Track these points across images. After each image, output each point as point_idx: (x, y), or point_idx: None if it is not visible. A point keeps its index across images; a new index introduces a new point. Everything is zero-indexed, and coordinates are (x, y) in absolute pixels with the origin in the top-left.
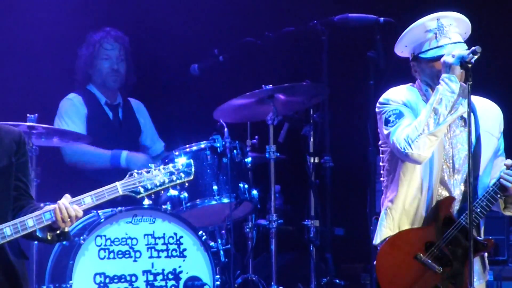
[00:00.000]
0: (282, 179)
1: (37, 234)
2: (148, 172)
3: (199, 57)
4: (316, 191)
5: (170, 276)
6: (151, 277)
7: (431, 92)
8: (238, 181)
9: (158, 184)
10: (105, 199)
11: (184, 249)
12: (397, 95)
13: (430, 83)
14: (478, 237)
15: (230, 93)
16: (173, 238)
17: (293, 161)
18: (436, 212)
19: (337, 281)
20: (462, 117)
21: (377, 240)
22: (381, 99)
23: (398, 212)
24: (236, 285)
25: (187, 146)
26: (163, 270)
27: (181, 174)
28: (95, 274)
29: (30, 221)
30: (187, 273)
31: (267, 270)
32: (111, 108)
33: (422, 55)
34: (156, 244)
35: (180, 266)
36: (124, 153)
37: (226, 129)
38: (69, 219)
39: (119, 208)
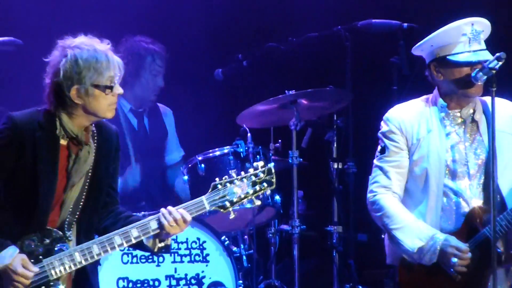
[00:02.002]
0: (305, 185)
1: (145, 243)
2: (231, 183)
3: (223, 62)
4: (339, 196)
5: (193, 281)
6: (174, 282)
7: (447, 111)
8: None
9: (242, 196)
10: (193, 215)
11: (207, 254)
12: (397, 115)
13: (454, 91)
14: (499, 249)
15: (253, 98)
16: (196, 243)
17: (316, 167)
18: (464, 222)
19: (360, 287)
20: (474, 121)
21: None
22: (384, 116)
23: None
24: None
25: (211, 151)
26: (186, 275)
27: (264, 184)
28: (118, 279)
29: (135, 232)
30: (209, 278)
31: (289, 276)
32: (135, 114)
33: (451, 58)
34: (179, 249)
35: (203, 271)
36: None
37: (249, 134)
38: (175, 223)
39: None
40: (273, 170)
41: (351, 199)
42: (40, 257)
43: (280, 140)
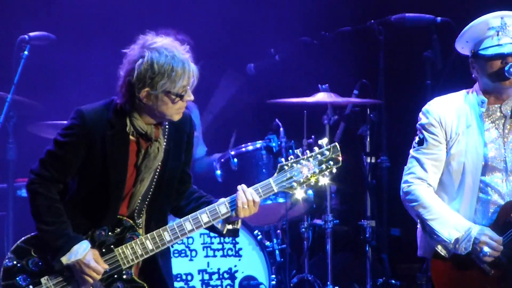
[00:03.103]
0: (338, 179)
1: (215, 226)
2: (298, 163)
3: (256, 57)
4: (372, 191)
5: (226, 276)
6: (206, 276)
7: (487, 106)
8: None
9: (310, 176)
10: (262, 198)
11: (240, 249)
12: (437, 108)
13: (489, 85)
14: None
15: (286, 93)
16: (228, 237)
17: (349, 161)
18: (497, 216)
19: (393, 281)
20: None
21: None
22: (423, 108)
23: None
24: (291, 284)
25: (243, 145)
26: (218, 269)
27: (330, 162)
28: None
29: (205, 217)
30: (242, 272)
31: (322, 270)
32: None
33: (482, 52)
34: (212, 243)
35: (235, 266)
36: None
37: (282, 129)
38: (247, 206)
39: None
40: (338, 148)
41: (384, 194)
42: (112, 246)
43: (313, 136)
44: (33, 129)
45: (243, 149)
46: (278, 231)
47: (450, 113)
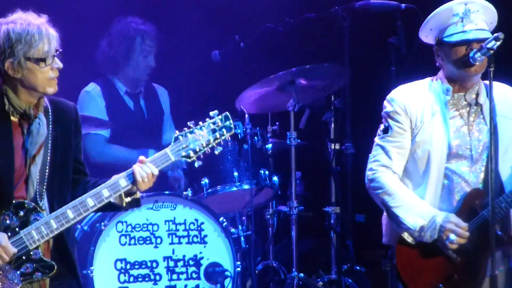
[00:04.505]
0: (303, 166)
1: (113, 202)
2: (191, 132)
3: (220, 44)
4: (337, 177)
5: (191, 262)
6: (172, 263)
7: (452, 94)
8: (259, 168)
9: (204, 144)
10: (160, 167)
11: (205, 235)
12: (402, 96)
13: (454, 72)
14: (499, 232)
15: (251, 80)
16: (194, 224)
17: (314, 148)
18: (463, 203)
19: (358, 267)
20: (478, 104)
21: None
22: (388, 96)
23: None
24: (256, 271)
25: None
26: (184, 256)
27: (223, 130)
28: (116, 260)
29: (106, 192)
30: (208, 259)
31: (287, 257)
32: (131, 97)
33: (446, 39)
34: (177, 230)
35: (201, 252)
36: (151, 152)
37: (247, 116)
38: (146, 179)
39: (140, 194)
40: (229, 116)
41: (348, 180)
42: (17, 229)
43: (277, 122)
44: None
45: None
46: (243, 217)
47: (415, 101)
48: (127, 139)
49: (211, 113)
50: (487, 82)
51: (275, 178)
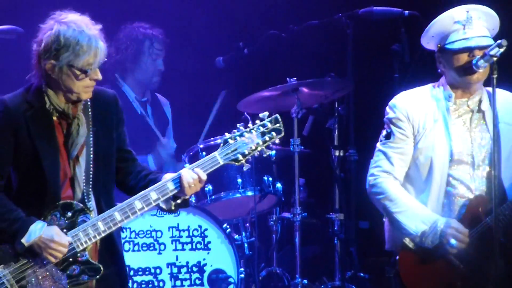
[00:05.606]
0: (307, 172)
1: (161, 205)
2: (241, 136)
3: (224, 50)
4: (340, 184)
5: (195, 269)
6: (175, 270)
7: (454, 100)
8: (262, 174)
9: (254, 147)
10: (208, 171)
11: (209, 242)
12: (404, 102)
13: (456, 79)
14: (502, 239)
15: (254, 86)
16: (197, 230)
17: (317, 154)
18: (466, 211)
19: (362, 274)
20: (481, 111)
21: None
22: (390, 102)
23: None
24: (260, 277)
25: (212, 139)
26: (187, 262)
27: (273, 132)
28: None
29: (154, 194)
30: (211, 265)
31: (291, 263)
32: (140, 103)
33: (448, 46)
34: (181, 236)
35: (204, 259)
36: (150, 158)
37: (250, 122)
38: (193, 184)
39: None
40: (279, 119)
41: (352, 187)
42: (64, 230)
43: None
44: None
45: (212, 142)
46: (247, 224)
47: (417, 108)
48: (131, 144)
49: (261, 115)
50: (489, 89)
51: (278, 185)
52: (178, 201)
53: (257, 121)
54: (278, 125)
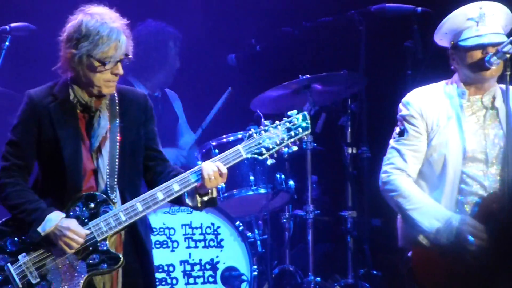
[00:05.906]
0: (319, 170)
1: (187, 202)
2: (266, 131)
3: (237, 47)
4: (353, 181)
5: (208, 266)
6: (188, 267)
7: (467, 97)
8: (275, 172)
9: (278, 142)
10: (231, 164)
11: (222, 239)
12: (417, 99)
13: (470, 76)
14: None
15: (267, 83)
16: (210, 228)
17: (330, 152)
18: (479, 208)
19: (375, 272)
20: (495, 108)
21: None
22: (403, 99)
23: None
24: (273, 275)
25: (224, 136)
26: (200, 260)
27: (299, 129)
28: None
29: (176, 186)
30: (224, 263)
31: (304, 261)
32: (152, 99)
33: (461, 43)
34: (194, 234)
35: (217, 256)
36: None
37: (263, 120)
38: (213, 177)
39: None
40: (307, 116)
41: (365, 184)
42: (86, 220)
43: None
44: (14, 121)
45: (224, 139)
46: (260, 221)
47: (430, 105)
48: None
49: (289, 113)
50: (503, 86)
51: (291, 182)
52: (205, 198)
53: (284, 118)
54: (305, 122)
